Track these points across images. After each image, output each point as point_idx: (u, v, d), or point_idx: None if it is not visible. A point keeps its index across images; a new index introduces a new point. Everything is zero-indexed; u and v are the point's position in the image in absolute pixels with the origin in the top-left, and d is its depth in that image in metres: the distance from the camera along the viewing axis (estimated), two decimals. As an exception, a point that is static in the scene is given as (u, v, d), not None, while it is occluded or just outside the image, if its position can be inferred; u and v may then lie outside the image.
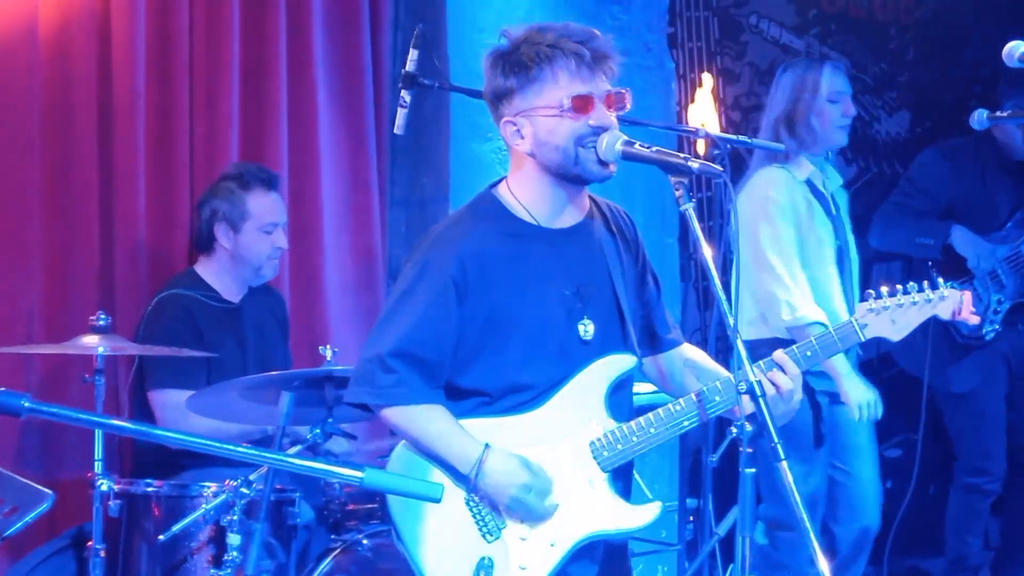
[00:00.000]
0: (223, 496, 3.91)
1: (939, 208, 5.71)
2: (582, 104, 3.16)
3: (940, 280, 3.40)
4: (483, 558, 3.18)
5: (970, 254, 5.57)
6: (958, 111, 5.53)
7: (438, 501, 2.29)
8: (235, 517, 3.90)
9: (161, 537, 3.95)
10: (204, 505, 3.97)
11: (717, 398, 3.24)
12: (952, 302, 3.37)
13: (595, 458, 3.25)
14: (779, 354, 3.23)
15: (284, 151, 5.11)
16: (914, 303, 3.34)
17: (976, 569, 5.86)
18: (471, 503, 3.21)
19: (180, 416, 4.23)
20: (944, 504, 5.89)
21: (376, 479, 2.06)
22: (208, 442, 2.21)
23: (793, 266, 4.73)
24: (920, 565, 6.36)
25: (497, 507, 3.21)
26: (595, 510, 3.25)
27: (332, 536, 4.26)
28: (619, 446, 3.25)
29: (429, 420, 3.21)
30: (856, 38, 6.80)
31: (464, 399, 3.24)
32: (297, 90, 5.17)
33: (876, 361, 6.66)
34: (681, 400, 3.27)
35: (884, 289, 3.35)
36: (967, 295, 3.42)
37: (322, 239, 5.23)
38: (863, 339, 3.34)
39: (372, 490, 2.18)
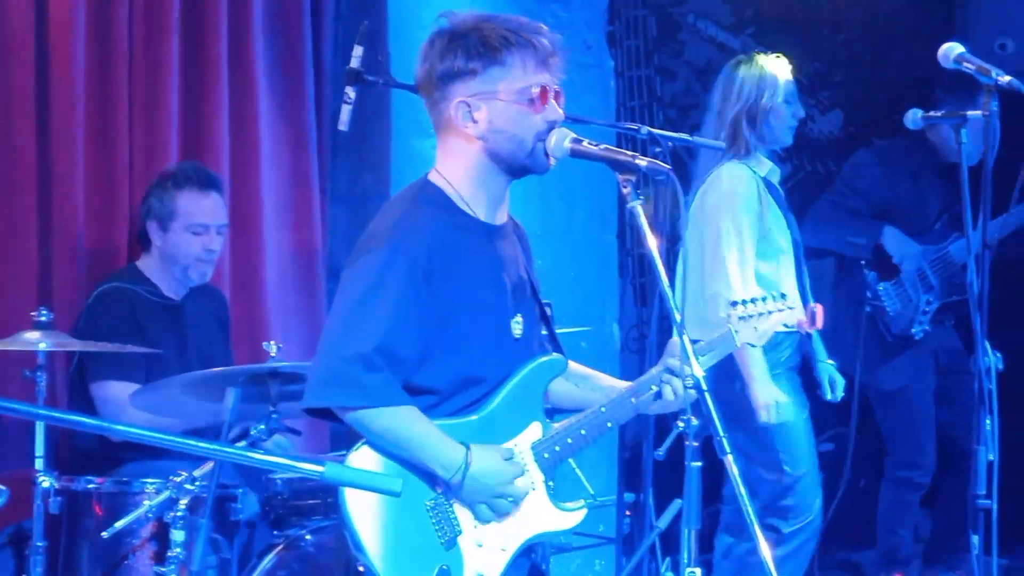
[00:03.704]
0: (167, 492, 3.89)
1: (872, 208, 5.80)
2: (544, 96, 3.16)
3: (785, 293, 3.55)
4: (442, 567, 3.16)
5: (897, 254, 5.67)
6: (891, 111, 5.62)
7: (397, 495, 2.30)
8: (179, 513, 3.88)
9: (105, 534, 3.92)
10: (147, 502, 3.94)
11: (633, 400, 3.29)
12: (798, 313, 3.54)
13: (536, 460, 3.27)
14: (674, 361, 3.26)
15: (225, 147, 5.09)
16: (770, 312, 3.48)
17: (907, 561, 5.96)
18: (433, 512, 3.18)
19: (122, 409, 4.21)
20: (874, 498, 5.99)
21: (337, 473, 2.07)
22: (162, 435, 2.20)
23: (747, 263, 4.78)
24: (851, 557, 6.45)
25: (475, 506, 3.18)
26: (538, 512, 3.27)
27: (275, 532, 4.25)
28: (556, 448, 3.27)
29: (411, 422, 3.13)
30: (791, 38, 6.87)
31: (415, 398, 3.17)
32: (238, 85, 5.15)
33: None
34: (606, 401, 3.30)
35: (747, 297, 3.52)
36: (819, 307, 3.58)
37: (262, 235, 5.22)
38: (737, 345, 3.47)
39: (333, 484, 2.18)
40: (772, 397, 4.74)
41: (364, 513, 3.12)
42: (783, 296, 3.51)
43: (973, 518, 3.90)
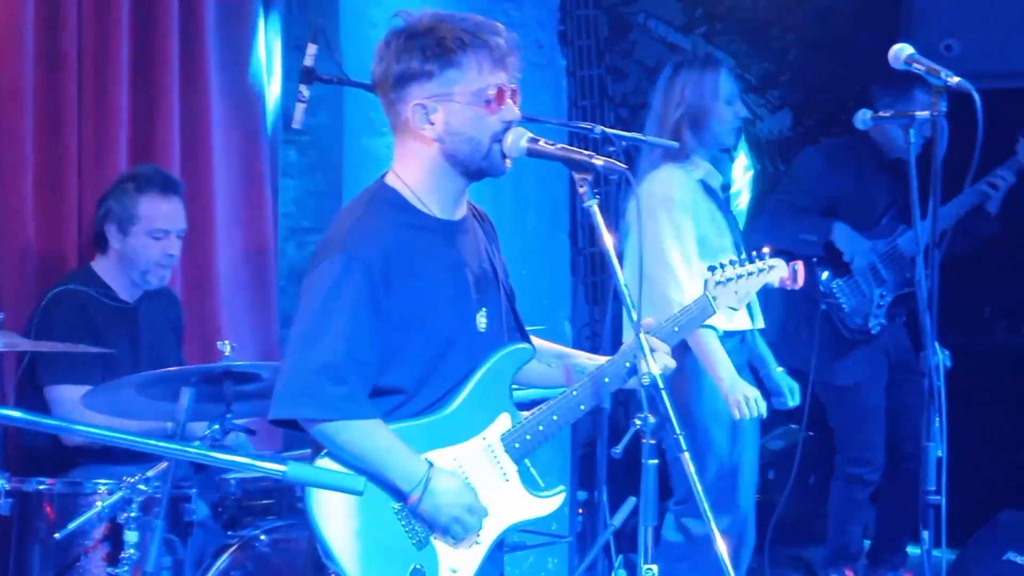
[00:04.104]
0: (120, 493, 3.86)
1: (820, 204, 5.85)
2: (500, 96, 3.17)
3: (765, 251, 3.56)
4: (415, 567, 3.16)
5: (848, 251, 5.73)
6: (838, 110, 5.69)
7: (360, 494, 2.29)
8: (133, 514, 3.86)
9: (57, 535, 3.89)
10: (99, 503, 3.91)
11: (607, 379, 3.30)
12: (780, 271, 3.55)
13: (507, 451, 3.28)
14: (649, 337, 3.26)
15: (176, 147, 5.05)
16: (750, 273, 3.51)
17: (856, 557, 6.01)
18: (401, 513, 3.18)
19: (76, 412, 4.17)
20: (824, 494, 6.04)
21: (299, 473, 2.06)
22: (124, 435, 2.19)
23: (692, 263, 4.80)
24: (802, 554, 6.50)
25: (431, 524, 3.18)
26: (511, 502, 3.29)
27: (228, 532, 4.24)
28: (527, 436, 3.28)
29: (375, 435, 3.12)
30: (740, 38, 6.93)
31: (382, 397, 3.17)
32: (189, 84, 5.11)
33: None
34: (577, 385, 3.32)
35: (725, 261, 3.50)
36: (800, 264, 3.58)
37: (214, 234, 5.18)
38: (716, 311, 3.49)
39: (295, 483, 2.17)
40: (741, 393, 4.73)
41: (331, 521, 3.12)
42: (762, 256, 3.52)
43: (924, 514, 3.94)
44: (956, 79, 3.92)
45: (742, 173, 7.10)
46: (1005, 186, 5.75)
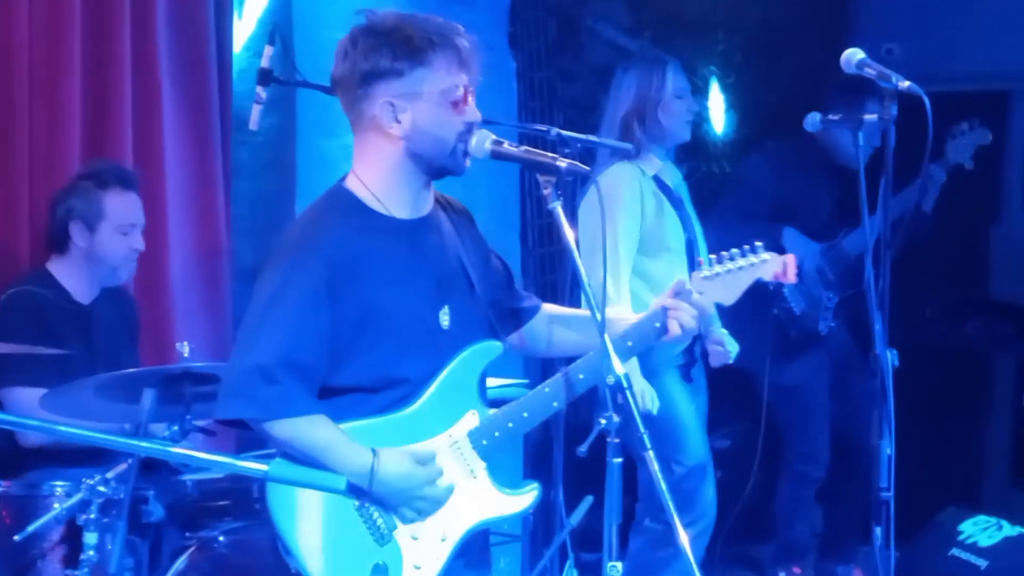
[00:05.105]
0: (79, 495, 3.85)
1: (768, 208, 5.91)
2: (466, 97, 3.20)
3: (759, 244, 3.55)
4: (377, 563, 3.17)
5: (798, 256, 5.78)
6: (783, 113, 5.74)
7: (342, 492, 2.31)
8: (92, 516, 3.84)
9: (17, 538, 3.87)
10: (57, 505, 3.89)
11: (581, 376, 3.31)
12: (773, 265, 3.52)
13: (474, 448, 3.30)
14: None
15: (128, 146, 5.02)
16: (741, 268, 3.48)
17: (804, 553, 6.09)
18: (361, 509, 3.19)
19: (34, 414, 4.13)
20: (770, 492, 6.11)
21: (281, 471, 2.08)
22: (98, 435, 2.20)
23: (619, 267, 4.82)
24: (750, 551, 6.56)
25: (395, 510, 3.20)
26: (479, 499, 3.30)
27: (186, 534, 4.23)
28: (496, 433, 3.31)
29: (314, 431, 3.14)
30: (687, 41, 6.98)
31: (341, 396, 3.20)
32: (141, 84, 5.08)
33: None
34: (549, 381, 3.34)
35: (712, 257, 3.49)
36: (791, 257, 3.57)
37: (167, 235, 5.16)
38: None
39: (277, 482, 2.19)
40: (638, 387, 4.77)
41: (291, 516, 3.14)
42: (755, 250, 3.49)
43: (876, 510, 3.99)
44: (907, 83, 3.98)
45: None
46: (937, 184, 5.84)
